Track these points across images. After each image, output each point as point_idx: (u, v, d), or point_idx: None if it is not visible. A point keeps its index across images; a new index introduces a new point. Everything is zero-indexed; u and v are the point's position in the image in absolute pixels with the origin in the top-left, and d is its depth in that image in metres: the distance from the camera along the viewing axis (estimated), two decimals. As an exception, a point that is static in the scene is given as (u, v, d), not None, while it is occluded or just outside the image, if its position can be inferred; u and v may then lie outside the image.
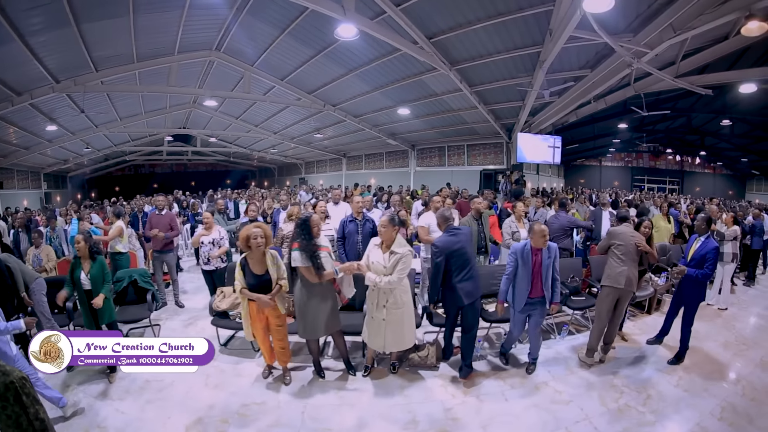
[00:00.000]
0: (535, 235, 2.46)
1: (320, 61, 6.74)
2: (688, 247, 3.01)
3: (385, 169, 12.50)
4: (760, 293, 4.84)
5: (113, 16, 4.82)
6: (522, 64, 5.91)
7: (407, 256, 2.21)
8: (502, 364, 2.79)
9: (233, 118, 10.79)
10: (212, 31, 6.17)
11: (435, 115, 8.69)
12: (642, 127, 12.29)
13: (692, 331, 2.91)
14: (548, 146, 8.31)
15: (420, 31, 5.23)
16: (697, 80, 6.04)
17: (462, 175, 10.11)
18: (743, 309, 4.17)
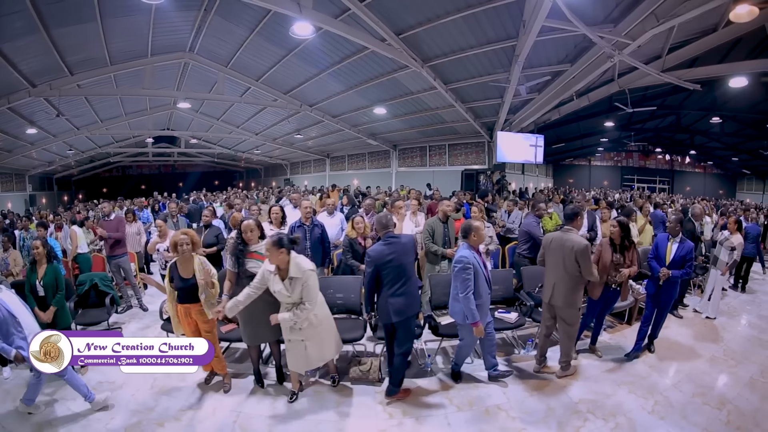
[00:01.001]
0: (477, 235, 2.20)
1: (292, 61, 6.47)
2: (662, 249, 2.82)
3: (367, 169, 12.12)
4: (751, 299, 4.39)
5: (81, 21, 4.72)
6: (498, 60, 5.49)
7: (310, 278, 1.95)
8: (453, 382, 2.46)
9: (214, 119, 10.51)
10: (183, 33, 5.98)
11: (413, 114, 8.30)
12: (630, 125, 11.78)
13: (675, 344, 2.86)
14: (530, 145, 7.83)
15: (388, 28, 4.89)
16: (685, 74, 5.56)
17: (443, 175, 9.70)
18: (733, 317, 3.75)
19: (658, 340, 2.97)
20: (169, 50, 6.44)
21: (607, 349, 2.94)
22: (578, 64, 5.40)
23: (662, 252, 2.81)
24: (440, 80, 6.12)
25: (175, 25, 5.66)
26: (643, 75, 5.88)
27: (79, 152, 11.47)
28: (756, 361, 2.83)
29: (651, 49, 5.39)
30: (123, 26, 5.14)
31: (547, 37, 4.64)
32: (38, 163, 11.47)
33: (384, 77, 6.49)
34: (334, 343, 2.20)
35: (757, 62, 5.12)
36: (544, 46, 5.06)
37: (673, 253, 2.73)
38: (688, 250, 2.71)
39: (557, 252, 2.36)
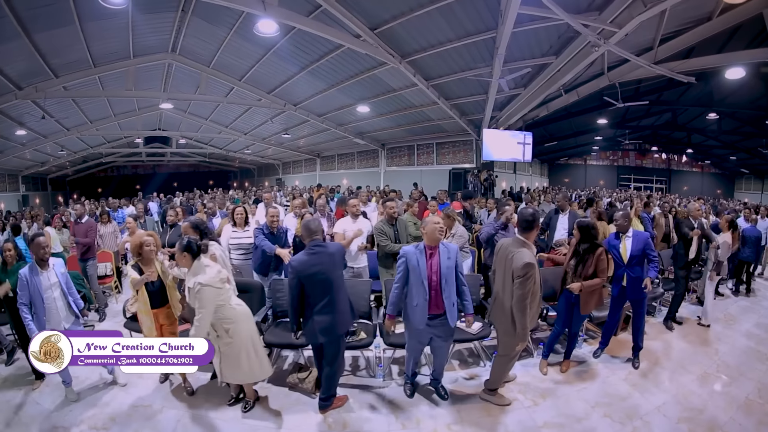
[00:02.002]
0: (426, 229, 1.86)
1: (271, 60, 6.23)
2: (615, 248, 2.54)
3: (356, 169, 11.74)
4: (751, 305, 3.97)
5: (61, 25, 4.65)
6: (479, 53, 5.09)
7: (200, 291, 1.73)
8: (406, 395, 2.20)
9: (203, 119, 10.26)
10: (164, 34, 5.82)
11: (398, 112, 7.92)
12: (624, 123, 11.22)
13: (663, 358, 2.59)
14: (518, 143, 7.39)
15: (362, 23, 4.61)
16: (678, 66, 5.10)
17: (431, 174, 9.28)
18: (730, 326, 3.37)
19: (644, 353, 2.63)
20: (151, 51, 6.28)
21: (585, 364, 2.60)
22: (563, 55, 4.98)
23: (616, 253, 2.53)
24: (421, 76, 5.77)
25: (155, 27, 5.51)
26: (634, 68, 5.45)
27: (71, 152, 11.34)
28: (753, 377, 2.47)
29: (642, 39, 4.96)
30: (102, 29, 5.04)
31: (528, 27, 4.29)
32: (31, 164, 11.36)
33: (364, 74, 6.18)
34: (248, 367, 1.87)
35: (754, 52, 4.65)
36: (526, 38, 4.69)
37: (629, 251, 2.45)
38: (644, 242, 2.43)
39: (501, 264, 1.95)
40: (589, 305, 2.32)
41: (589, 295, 2.29)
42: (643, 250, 2.41)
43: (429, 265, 1.86)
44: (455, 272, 1.90)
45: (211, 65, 6.81)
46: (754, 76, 7.25)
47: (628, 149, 17.62)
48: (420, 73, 5.73)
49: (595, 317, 2.80)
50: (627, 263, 2.44)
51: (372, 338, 2.34)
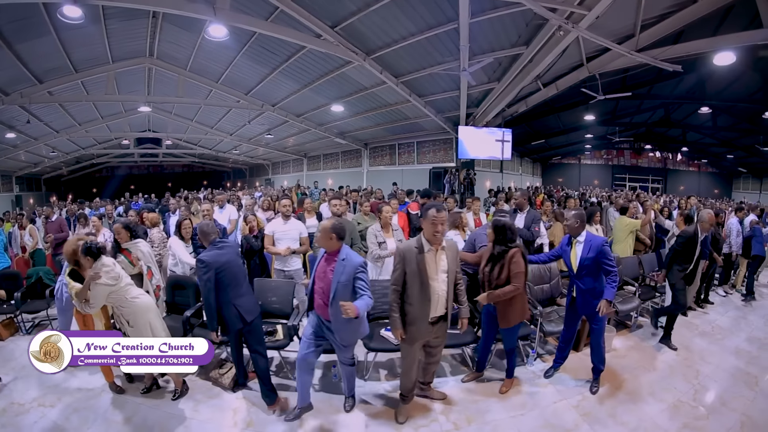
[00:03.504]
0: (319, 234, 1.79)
1: (242, 61, 6.19)
2: (565, 255, 2.13)
3: (341, 168, 11.54)
4: (743, 315, 3.45)
5: (39, 35, 4.78)
6: (444, 47, 4.83)
7: (95, 286, 1.85)
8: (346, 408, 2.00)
9: (189, 120, 10.25)
10: (140, 40, 5.86)
11: (373, 111, 7.70)
12: (614, 119, 10.54)
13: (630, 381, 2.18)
14: (496, 140, 6.92)
15: (321, 21, 4.47)
16: (661, 53, 4.50)
17: (412, 174, 9.03)
18: (717, 341, 2.87)
19: (609, 374, 2.23)
20: (129, 56, 6.33)
21: (534, 384, 2.20)
22: (534, 44, 4.59)
23: (567, 258, 2.12)
24: (388, 73, 5.56)
25: (130, 33, 5.57)
26: (615, 56, 4.91)
27: (63, 154, 11.42)
28: (737, 408, 2.01)
29: (621, 26, 4.48)
30: (77, 37, 5.15)
31: (492, 15, 3.98)
32: (24, 165, 11.52)
33: (333, 73, 6.03)
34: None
35: (744, 34, 3.99)
36: (492, 28, 4.37)
37: (579, 257, 2.04)
38: (597, 248, 1.96)
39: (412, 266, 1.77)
40: (508, 317, 1.96)
41: (507, 306, 1.94)
42: (596, 259, 1.98)
43: (324, 270, 1.78)
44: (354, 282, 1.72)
45: (188, 68, 6.81)
46: (750, 68, 6.61)
47: (623, 148, 16.93)
48: (387, 70, 5.53)
49: (548, 331, 2.44)
50: (576, 273, 2.06)
51: (289, 340, 2.24)
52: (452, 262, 1.74)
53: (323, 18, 4.41)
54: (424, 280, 1.68)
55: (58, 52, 5.34)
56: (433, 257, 1.70)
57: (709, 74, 7.26)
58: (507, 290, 1.87)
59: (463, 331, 1.94)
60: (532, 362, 2.38)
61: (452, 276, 1.75)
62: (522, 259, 1.88)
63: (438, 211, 1.64)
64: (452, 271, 1.74)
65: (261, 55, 5.85)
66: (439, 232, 1.65)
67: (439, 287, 1.71)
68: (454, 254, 1.76)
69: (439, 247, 1.70)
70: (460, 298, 1.85)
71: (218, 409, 1.98)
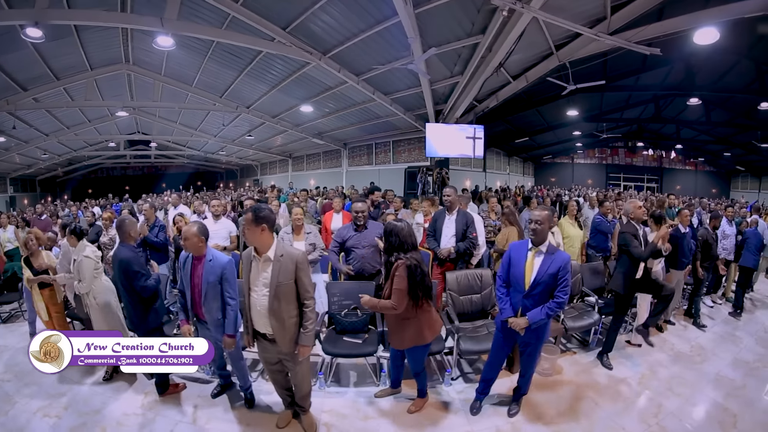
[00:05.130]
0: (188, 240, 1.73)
1: (210, 66, 6.19)
2: (518, 262, 1.69)
3: (322, 169, 11.35)
4: (731, 331, 2.86)
5: (17, 49, 4.89)
6: (397, 41, 4.48)
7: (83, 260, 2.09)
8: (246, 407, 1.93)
9: (174, 122, 10.25)
10: (114, 47, 5.93)
11: (343, 111, 7.47)
12: (602, 115, 9.77)
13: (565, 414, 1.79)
14: (467, 137, 6.45)
15: (272, 24, 4.39)
16: (635, 35, 3.87)
17: (389, 173, 8.73)
18: (694, 365, 2.32)
19: (542, 403, 1.90)
20: (107, 63, 6.40)
21: (449, 405, 1.91)
22: (489, 31, 4.18)
23: (519, 269, 1.67)
24: (347, 71, 5.39)
25: (103, 41, 5.62)
26: (586, 42, 4.29)
27: (55, 156, 11.53)
28: None
29: (591, 8, 3.98)
30: (53, 48, 5.19)
31: (438, 3, 3.64)
32: (18, 166, 11.72)
33: (295, 74, 5.90)
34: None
35: (728, 7, 3.26)
36: (443, 17, 4.06)
37: (536, 271, 1.63)
38: (560, 265, 1.61)
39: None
40: (399, 338, 1.69)
41: (396, 325, 1.67)
42: (555, 277, 1.62)
43: (192, 274, 1.76)
44: (221, 286, 1.71)
45: (162, 73, 6.84)
46: (743, 56, 5.87)
47: (617, 147, 16.18)
48: (346, 68, 5.36)
49: (465, 350, 2.06)
50: (528, 290, 1.65)
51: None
52: (283, 274, 1.47)
53: (274, 20, 4.34)
54: (246, 290, 1.55)
55: (37, 62, 5.48)
56: (257, 267, 1.52)
57: (700, 65, 6.57)
58: (382, 304, 1.60)
59: (299, 359, 1.58)
60: (448, 382, 2.07)
61: (281, 291, 1.47)
62: (406, 273, 1.56)
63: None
64: (281, 285, 1.47)
65: (226, 59, 5.86)
66: (247, 239, 1.51)
67: (257, 301, 1.52)
68: (289, 267, 1.48)
69: (263, 257, 1.49)
70: (303, 322, 1.54)
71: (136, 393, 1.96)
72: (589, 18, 4.04)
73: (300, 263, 1.48)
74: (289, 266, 1.46)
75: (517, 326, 1.62)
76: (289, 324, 1.49)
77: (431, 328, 1.66)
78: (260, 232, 1.45)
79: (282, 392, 1.73)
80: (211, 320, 1.72)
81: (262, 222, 1.45)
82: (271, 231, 1.49)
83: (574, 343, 2.60)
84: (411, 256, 1.58)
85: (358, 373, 2.15)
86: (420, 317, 1.61)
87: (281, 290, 1.45)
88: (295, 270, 1.47)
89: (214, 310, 1.70)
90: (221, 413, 1.81)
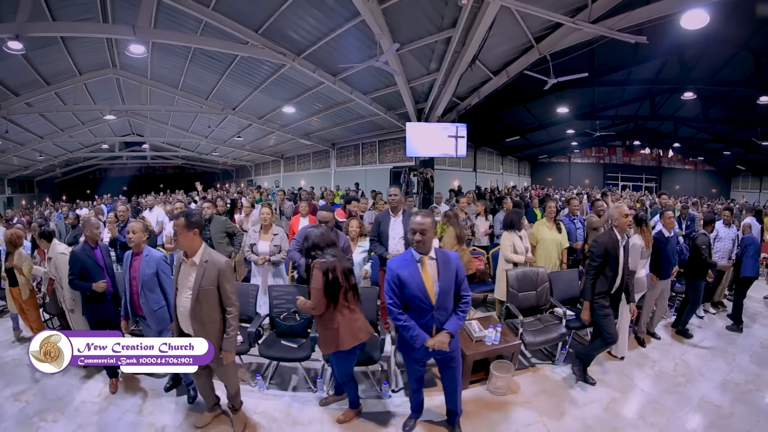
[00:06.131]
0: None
1: (192, 69, 6.18)
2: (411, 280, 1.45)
3: (312, 169, 11.26)
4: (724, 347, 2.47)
5: (5, 58, 4.88)
6: (368, 38, 4.32)
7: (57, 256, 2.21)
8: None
9: (165, 124, 10.25)
10: (100, 52, 5.95)
11: (326, 111, 7.34)
12: (594, 112, 9.31)
13: None
14: (448, 136, 6.17)
15: (244, 27, 4.36)
16: (618, 22, 3.51)
17: (375, 174, 8.57)
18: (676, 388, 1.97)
19: (478, 421, 1.71)
20: (94, 68, 6.46)
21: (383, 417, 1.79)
22: (458, 24, 3.93)
23: (416, 285, 1.44)
24: (323, 71, 5.29)
25: (89, 48, 5.66)
26: (567, 32, 3.96)
27: (51, 157, 11.67)
28: None
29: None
30: (40, 55, 5.27)
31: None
32: (15, 168, 11.91)
33: (274, 75, 5.84)
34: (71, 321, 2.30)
35: None
36: (411, 12, 3.86)
37: (437, 279, 1.44)
38: (455, 263, 1.46)
39: None
40: (321, 341, 1.63)
41: (320, 328, 1.63)
42: (456, 281, 1.45)
43: (130, 268, 1.86)
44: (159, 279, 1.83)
45: (149, 77, 6.85)
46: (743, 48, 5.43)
47: (615, 146, 15.69)
48: (322, 68, 5.26)
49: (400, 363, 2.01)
50: (437, 302, 1.45)
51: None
52: (206, 279, 1.52)
53: (246, 23, 4.32)
54: (174, 292, 1.61)
55: (26, 69, 5.57)
56: (185, 269, 1.57)
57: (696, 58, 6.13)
58: (306, 305, 1.58)
59: (224, 362, 1.62)
60: (387, 394, 1.96)
61: (203, 295, 1.52)
62: (321, 272, 1.54)
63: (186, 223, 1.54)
64: (203, 290, 1.52)
65: (206, 62, 5.85)
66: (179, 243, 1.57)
67: (181, 302, 1.57)
68: (212, 273, 1.53)
69: (190, 261, 1.55)
70: (225, 328, 1.58)
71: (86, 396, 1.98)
72: (569, 6, 3.73)
73: (222, 271, 1.53)
74: (212, 272, 1.52)
75: (442, 345, 1.41)
76: (211, 328, 1.54)
77: (353, 334, 1.57)
78: (192, 236, 1.52)
79: (205, 393, 1.76)
80: (148, 312, 1.81)
81: (194, 227, 1.53)
82: (200, 235, 1.57)
83: (540, 358, 2.32)
84: (330, 257, 1.57)
85: (300, 378, 2.12)
86: (339, 321, 1.55)
87: (203, 294, 1.51)
88: (218, 276, 1.52)
89: (151, 302, 1.80)
90: (166, 405, 1.90)
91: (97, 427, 1.70)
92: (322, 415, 1.81)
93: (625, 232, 1.95)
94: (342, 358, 1.62)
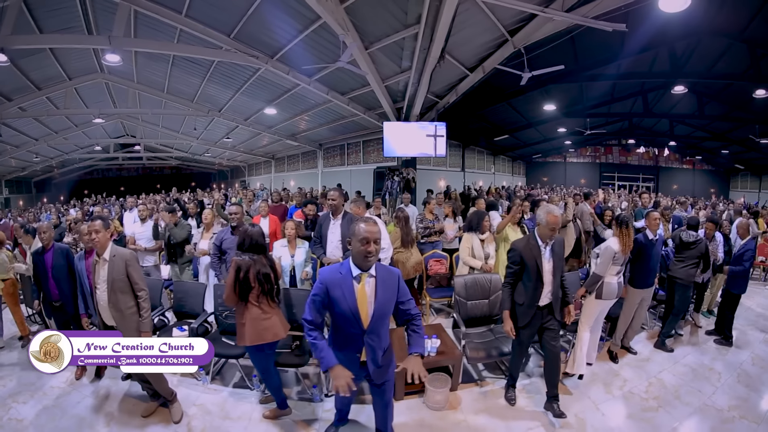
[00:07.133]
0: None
1: (176, 73, 6.26)
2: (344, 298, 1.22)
3: (300, 170, 11.20)
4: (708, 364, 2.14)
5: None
6: (336, 38, 4.14)
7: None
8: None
9: (157, 126, 10.34)
10: (88, 58, 6.06)
11: (307, 112, 7.29)
12: (585, 110, 8.92)
13: None
14: (427, 135, 5.98)
15: (217, 32, 4.37)
16: (593, 9, 3.20)
17: (360, 174, 8.49)
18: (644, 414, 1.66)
19: None
20: (83, 73, 6.57)
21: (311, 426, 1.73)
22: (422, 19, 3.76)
23: (349, 304, 1.20)
24: (297, 72, 5.24)
25: (76, 54, 5.74)
26: (541, 23, 3.68)
27: (46, 158, 11.83)
28: None
29: None
30: (29, 63, 5.41)
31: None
32: (13, 169, 12.11)
33: (252, 78, 5.84)
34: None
35: None
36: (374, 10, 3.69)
37: (374, 300, 1.21)
38: (395, 284, 1.23)
39: None
40: (237, 334, 1.68)
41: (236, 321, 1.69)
42: (396, 301, 1.25)
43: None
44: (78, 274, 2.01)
45: (135, 81, 6.95)
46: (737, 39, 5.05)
47: (612, 145, 15.34)
48: (296, 69, 5.20)
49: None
50: (368, 327, 1.22)
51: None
52: (117, 271, 1.65)
53: (218, 28, 4.35)
54: (92, 289, 1.73)
55: (16, 75, 5.70)
56: (99, 267, 1.70)
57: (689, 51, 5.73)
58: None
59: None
60: (318, 397, 1.96)
61: (116, 286, 1.66)
62: (234, 269, 1.63)
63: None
64: (116, 281, 1.66)
65: (188, 67, 5.92)
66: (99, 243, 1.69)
67: (100, 296, 1.70)
68: (121, 264, 1.67)
69: (101, 258, 1.69)
70: (139, 311, 1.72)
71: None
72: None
73: (129, 261, 1.70)
74: (120, 264, 1.68)
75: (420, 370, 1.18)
76: (128, 314, 1.69)
77: (258, 333, 1.61)
78: (109, 235, 1.68)
79: (142, 384, 1.84)
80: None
81: (108, 227, 1.70)
82: (109, 234, 1.71)
83: (494, 372, 2.07)
84: (247, 257, 1.64)
85: (242, 375, 2.15)
86: (247, 318, 1.62)
87: (116, 285, 1.66)
88: (125, 267, 1.68)
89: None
90: (121, 394, 2.01)
91: (59, 409, 1.87)
92: (252, 412, 1.85)
93: (548, 239, 1.66)
94: (253, 353, 1.70)
